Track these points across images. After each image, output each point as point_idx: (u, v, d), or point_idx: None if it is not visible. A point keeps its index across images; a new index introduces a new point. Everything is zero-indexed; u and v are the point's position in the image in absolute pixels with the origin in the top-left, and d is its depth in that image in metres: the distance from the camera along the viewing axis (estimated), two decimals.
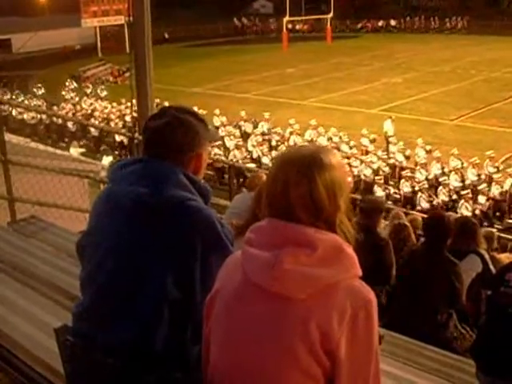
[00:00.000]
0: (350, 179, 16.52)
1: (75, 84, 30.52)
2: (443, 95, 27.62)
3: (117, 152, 19.68)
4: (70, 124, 22.17)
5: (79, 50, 42.72)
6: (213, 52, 42.10)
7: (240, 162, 17.19)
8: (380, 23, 53.56)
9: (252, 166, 16.84)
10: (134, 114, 7.02)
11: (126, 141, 17.36)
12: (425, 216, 7.42)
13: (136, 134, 6.52)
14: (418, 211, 12.92)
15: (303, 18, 50.25)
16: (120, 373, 1.83)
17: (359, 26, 53.64)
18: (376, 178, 16.51)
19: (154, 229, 1.90)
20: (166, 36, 50.37)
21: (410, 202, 15.49)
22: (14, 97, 26.37)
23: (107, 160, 15.00)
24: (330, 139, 19.35)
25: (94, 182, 7.30)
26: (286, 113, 23.63)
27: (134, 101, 6.45)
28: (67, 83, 30.40)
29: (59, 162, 7.21)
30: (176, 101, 22.13)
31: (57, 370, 2.52)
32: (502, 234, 10.44)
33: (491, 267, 4.90)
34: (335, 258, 1.48)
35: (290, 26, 48.52)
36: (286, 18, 45.22)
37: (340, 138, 19.45)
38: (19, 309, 3.37)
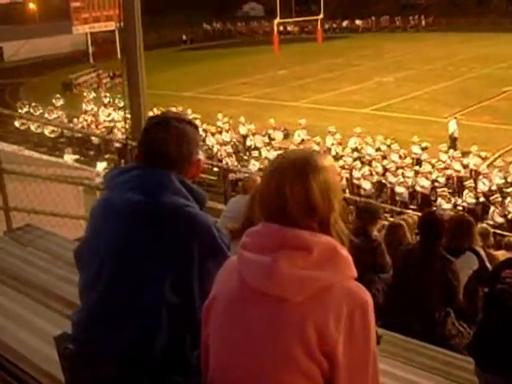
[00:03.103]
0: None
1: (94, 94, 28.86)
2: (435, 93, 27.70)
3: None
4: (93, 137, 21.12)
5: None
6: (203, 55, 42.10)
7: None
8: (344, 23, 53.49)
9: None
10: (128, 116, 7.02)
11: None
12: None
13: (129, 140, 6.52)
14: (491, 226, 11.55)
15: (294, 19, 50.30)
16: (120, 379, 1.84)
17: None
18: (439, 190, 15.35)
19: (152, 235, 1.91)
20: (184, 38, 50.40)
21: (473, 214, 13.80)
22: (31, 110, 25.18)
23: (101, 166, 14.97)
24: (378, 149, 18.30)
25: (89, 188, 7.30)
26: (279, 114, 23.65)
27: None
28: (85, 93, 28.64)
29: (54, 169, 7.20)
30: (168, 105, 22.12)
31: (56, 377, 2.52)
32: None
33: (487, 264, 4.92)
34: (330, 260, 1.50)
35: (281, 27, 48.64)
36: (277, 20, 45.34)
37: (389, 146, 18.35)
38: (16, 317, 3.37)
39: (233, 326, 1.55)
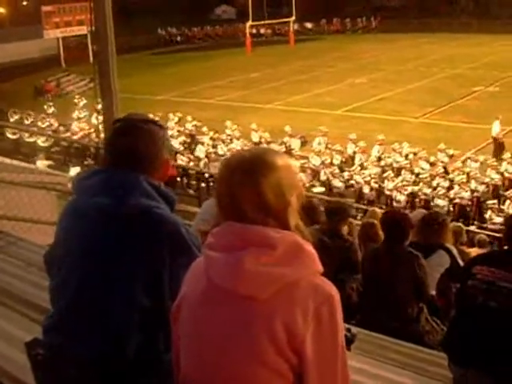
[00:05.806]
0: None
1: (85, 100, 26.53)
2: (408, 93, 27.97)
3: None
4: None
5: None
6: (175, 59, 41.85)
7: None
8: (316, 25, 53.55)
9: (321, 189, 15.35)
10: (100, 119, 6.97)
11: None
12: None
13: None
14: None
15: (266, 22, 50.37)
16: (93, 383, 1.83)
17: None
18: (489, 202, 14.51)
19: (121, 239, 1.91)
20: (178, 39, 50.07)
21: None
22: (23, 117, 24.24)
23: (75, 171, 14.80)
24: (406, 156, 17.39)
25: (63, 194, 7.22)
26: (253, 117, 23.65)
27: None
28: (76, 100, 27.14)
29: (26, 175, 7.12)
30: (141, 109, 21.93)
31: None
32: None
33: (459, 261, 4.98)
34: (295, 255, 1.51)
35: (254, 30, 48.69)
36: (249, 23, 45.44)
37: (415, 154, 17.42)
38: None
39: (202, 326, 1.56)
